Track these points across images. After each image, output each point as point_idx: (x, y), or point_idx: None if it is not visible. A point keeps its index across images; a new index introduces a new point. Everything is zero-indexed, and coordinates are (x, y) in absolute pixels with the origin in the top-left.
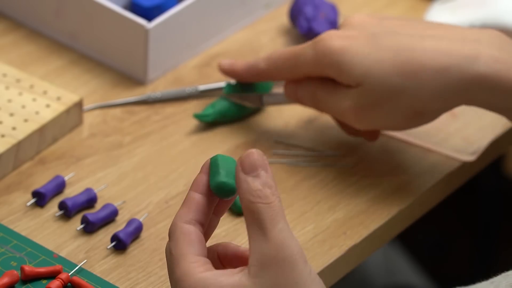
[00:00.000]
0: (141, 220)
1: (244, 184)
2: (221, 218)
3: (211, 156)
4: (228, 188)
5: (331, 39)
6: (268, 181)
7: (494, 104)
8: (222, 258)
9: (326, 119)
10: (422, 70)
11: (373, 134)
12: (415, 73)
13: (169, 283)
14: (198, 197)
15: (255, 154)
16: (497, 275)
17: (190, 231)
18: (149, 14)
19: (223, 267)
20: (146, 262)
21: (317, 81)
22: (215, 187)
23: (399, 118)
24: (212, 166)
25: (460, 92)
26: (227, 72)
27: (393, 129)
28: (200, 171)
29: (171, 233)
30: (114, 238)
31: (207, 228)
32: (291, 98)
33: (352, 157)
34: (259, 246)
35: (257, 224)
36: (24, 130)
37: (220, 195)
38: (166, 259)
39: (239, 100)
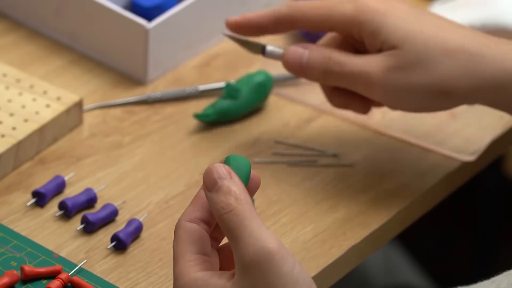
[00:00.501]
0: (141, 220)
1: (210, 202)
2: None
3: (211, 156)
4: None
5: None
6: (229, 189)
7: None
8: (227, 257)
9: (326, 119)
10: (460, 51)
11: (365, 107)
12: (453, 52)
13: (169, 283)
14: (203, 195)
15: (212, 168)
16: (499, 274)
17: (193, 229)
18: (149, 14)
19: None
20: (146, 262)
21: (334, 44)
22: None
23: (426, 94)
24: None
25: (491, 82)
26: (238, 23)
27: (415, 109)
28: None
29: (175, 231)
30: (114, 238)
31: (217, 230)
32: (294, 64)
33: (352, 157)
34: (236, 254)
35: (229, 236)
36: (24, 130)
37: None
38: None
39: (240, 43)
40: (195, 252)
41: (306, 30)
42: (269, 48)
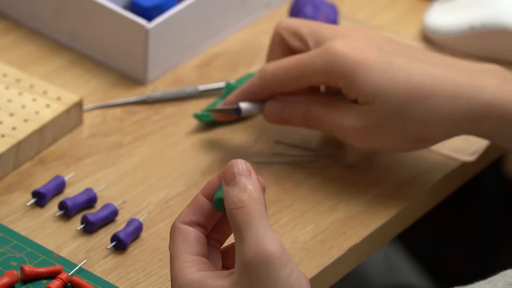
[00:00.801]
0: (141, 220)
1: (225, 195)
2: None
3: (211, 156)
4: (220, 205)
5: (342, 47)
6: (245, 186)
7: (500, 134)
8: (231, 258)
9: None
10: (433, 96)
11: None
12: (426, 98)
13: (169, 283)
14: (203, 201)
15: (233, 163)
16: (496, 274)
17: (187, 231)
18: (149, 14)
19: None
20: (146, 262)
21: (311, 97)
22: (213, 202)
23: (403, 140)
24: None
25: (467, 121)
26: (227, 101)
27: (392, 151)
28: (216, 175)
29: (170, 233)
30: (114, 238)
31: (219, 232)
32: (274, 118)
33: (352, 157)
34: (238, 251)
35: (235, 231)
36: (24, 130)
37: (217, 209)
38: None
39: (215, 113)
40: (191, 253)
41: (286, 92)
42: (243, 106)
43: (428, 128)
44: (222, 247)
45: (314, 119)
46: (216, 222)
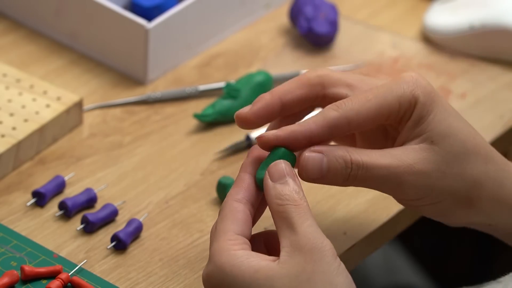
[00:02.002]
0: (141, 220)
1: (272, 191)
2: None
3: (211, 156)
4: (259, 182)
5: (423, 79)
6: (296, 188)
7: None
8: (268, 246)
9: None
10: (491, 160)
11: None
12: (486, 158)
13: (169, 283)
14: (248, 179)
15: (283, 163)
16: (503, 274)
17: (238, 209)
18: (149, 14)
19: (268, 254)
20: (146, 262)
21: (350, 145)
22: (258, 180)
23: (453, 199)
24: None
25: None
26: (288, 137)
27: (437, 213)
28: (247, 155)
29: (221, 210)
30: (114, 238)
31: (256, 211)
32: (314, 172)
33: None
34: (288, 239)
35: (286, 223)
36: (24, 130)
37: (258, 182)
38: (210, 235)
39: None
40: (237, 232)
41: (359, 130)
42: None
43: (480, 189)
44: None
45: (359, 169)
46: None
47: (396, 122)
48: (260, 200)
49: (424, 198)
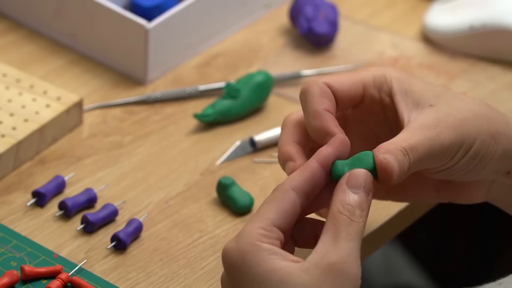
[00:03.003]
0: (141, 220)
1: (341, 194)
2: (222, 218)
3: (211, 156)
4: (336, 172)
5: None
6: (362, 203)
7: None
8: (307, 232)
9: None
10: (484, 116)
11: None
12: (480, 115)
13: (169, 283)
14: (318, 170)
15: (366, 175)
16: (503, 275)
17: (290, 199)
18: (149, 14)
19: (304, 239)
20: (146, 262)
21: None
22: (333, 164)
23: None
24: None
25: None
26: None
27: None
28: (327, 144)
29: (275, 190)
30: (114, 238)
31: (317, 203)
32: (391, 177)
33: None
34: (325, 249)
35: (333, 231)
36: (24, 130)
37: (332, 174)
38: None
39: None
40: (276, 224)
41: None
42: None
43: (483, 144)
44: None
45: (411, 150)
46: None
47: (374, 97)
48: (318, 194)
49: (460, 150)
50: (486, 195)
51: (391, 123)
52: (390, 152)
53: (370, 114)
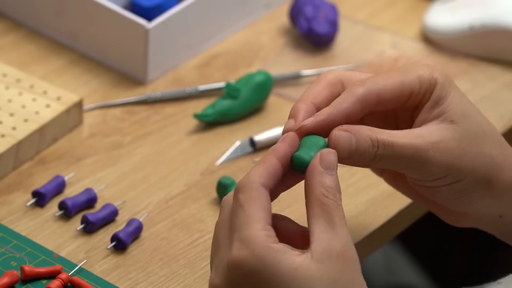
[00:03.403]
0: (141, 220)
1: (319, 176)
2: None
3: (211, 156)
4: (301, 162)
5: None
6: (338, 185)
7: None
8: (280, 232)
9: None
10: (504, 145)
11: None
12: (501, 142)
13: (169, 283)
14: (277, 165)
15: (335, 155)
16: (503, 275)
17: (265, 196)
18: (149, 14)
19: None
20: (146, 262)
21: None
22: (293, 157)
23: (473, 179)
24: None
25: None
26: (319, 123)
27: (457, 195)
28: (281, 141)
29: (245, 188)
30: (114, 238)
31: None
32: (344, 150)
33: None
34: (327, 237)
35: (325, 218)
36: (24, 130)
37: (294, 166)
38: (233, 209)
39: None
40: (268, 222)
41: (384, 107)
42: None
43: (498, 169)
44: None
45: (385, 146)
46: None
47: (417, 101)
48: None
49: (445, 177)
50: (474, 223)
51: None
52: (353, 131)
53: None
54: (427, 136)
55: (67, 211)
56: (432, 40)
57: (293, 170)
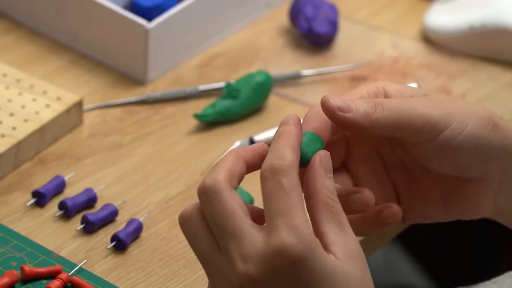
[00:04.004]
0: (141, 220)
1: (322, 178)
2: None
3: (211, 156)
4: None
5: None
6: (335, 190)
7: None
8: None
9: None
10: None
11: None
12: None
13: (169, 283)
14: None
15: (330, 157)
16: (500, 275)
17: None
18: (149, 14)
19: None
20: (146, 262)
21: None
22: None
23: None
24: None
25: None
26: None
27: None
28: (285, 124)
29: (288, 173)
30: (114, 238)
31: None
32: (366, 118)
33: None
34: (343, 239)
35: (335, 220)
36: (24, 130)
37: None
38: (273, 192)
39: None
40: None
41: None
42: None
43: (498, 117)
44: None
45: (383, 108)
46: None
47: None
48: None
49: (452, 125)
50: (494, 205)
51: (391, 140)
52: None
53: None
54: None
55: (67, 211)
56: (432, 40)
57: None
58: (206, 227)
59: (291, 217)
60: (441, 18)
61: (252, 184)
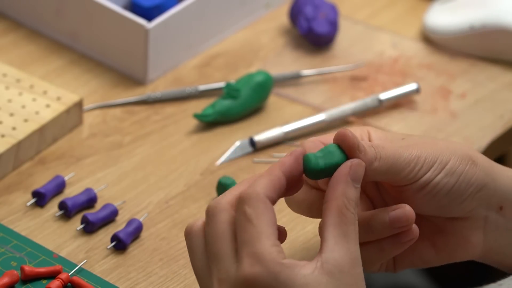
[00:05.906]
0: (141, 220)
1: (345, 185)
2: None
3: (211, 156)
4: (307, 165)
5: None
6: (358, 200)
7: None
8: None
9: None
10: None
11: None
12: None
13: (169, 283)
14: (282, 179)
15: (363, 168)
16: (505, 277)
17: (272, 209)
18: (149, 14)
19: None
20: (146, 262)
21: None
22: (309, 171)
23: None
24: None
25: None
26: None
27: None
28: (289, 155)
29: (252, 201)
30: (114, 238)
31: None
32: (354, 138)
33: None
34: (340, 249)
35: (342, 229)
36: (24, 130)
37: (307, 171)
38: (239, 222)
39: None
40: (276, 237)
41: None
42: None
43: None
44: None
45: (378, 147)
46: None
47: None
48: None
49: (434, 166)
50: (484, 244)
51: (378, 183)
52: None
53: None
54: (396, 141)
55: (67, 211)
56: (432, 40)
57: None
58: (203, 245)
59: (254, 245)
60: (441, 18)
61: None
